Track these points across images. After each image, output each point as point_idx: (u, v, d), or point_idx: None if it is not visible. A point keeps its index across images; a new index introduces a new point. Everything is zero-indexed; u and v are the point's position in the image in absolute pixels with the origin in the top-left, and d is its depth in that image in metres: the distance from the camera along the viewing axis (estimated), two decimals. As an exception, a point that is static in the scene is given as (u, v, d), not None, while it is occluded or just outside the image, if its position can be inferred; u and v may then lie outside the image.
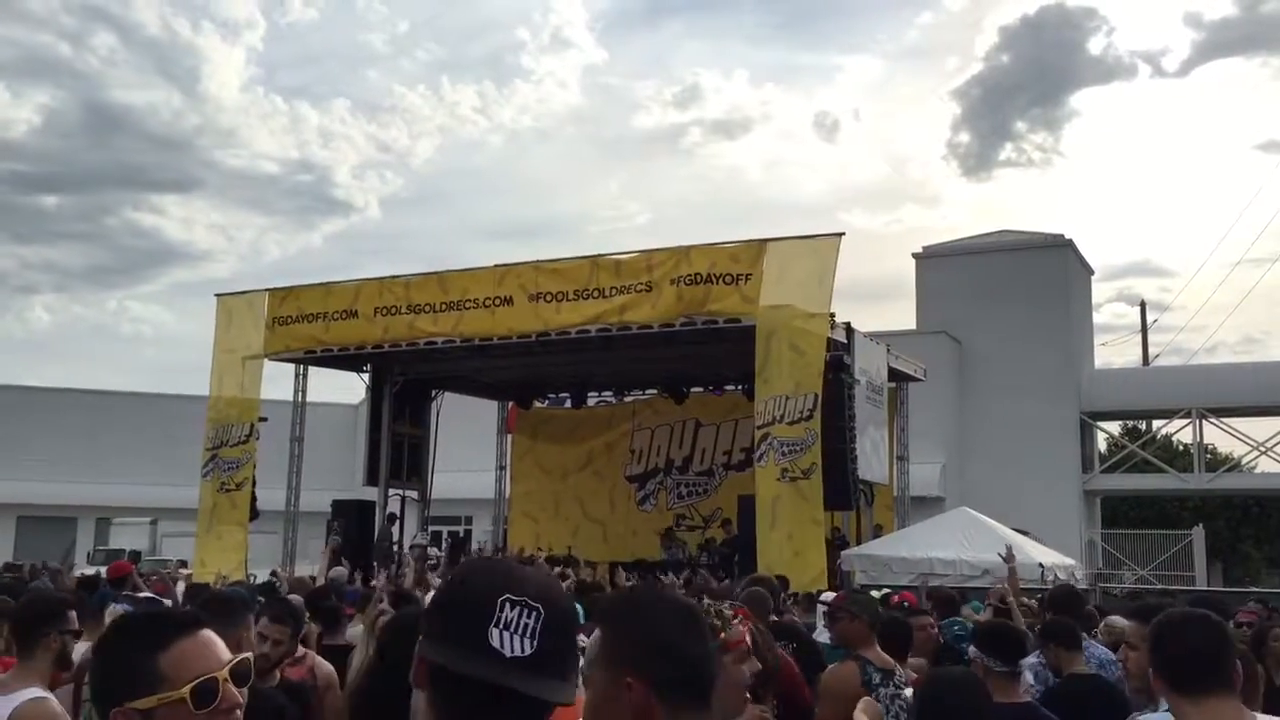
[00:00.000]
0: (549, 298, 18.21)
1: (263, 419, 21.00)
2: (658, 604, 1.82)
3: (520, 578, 1.52)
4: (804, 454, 15.59)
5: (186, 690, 1.59)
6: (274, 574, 17.40)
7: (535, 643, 1.46)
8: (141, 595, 7.73)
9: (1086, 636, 6.34)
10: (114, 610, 6.37)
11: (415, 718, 1.59)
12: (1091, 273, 38.23)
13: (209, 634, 1.68)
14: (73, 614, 3.98)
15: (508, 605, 1.47)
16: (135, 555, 29.99)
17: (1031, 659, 6.34)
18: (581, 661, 1.68)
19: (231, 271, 78.84)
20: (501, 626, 1.46)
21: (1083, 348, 35.50)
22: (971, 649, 4.71)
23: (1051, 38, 68.30)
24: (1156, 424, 37.15)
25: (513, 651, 1.45)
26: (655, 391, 24.24)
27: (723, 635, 3.08)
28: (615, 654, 1.72)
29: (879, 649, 5.20)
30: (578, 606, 6.22)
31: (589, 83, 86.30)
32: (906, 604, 8.63)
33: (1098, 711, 5.02)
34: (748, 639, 3.33)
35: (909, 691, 5.10)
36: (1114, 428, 38.09)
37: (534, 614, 1.48)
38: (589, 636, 1.81)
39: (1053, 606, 7.38)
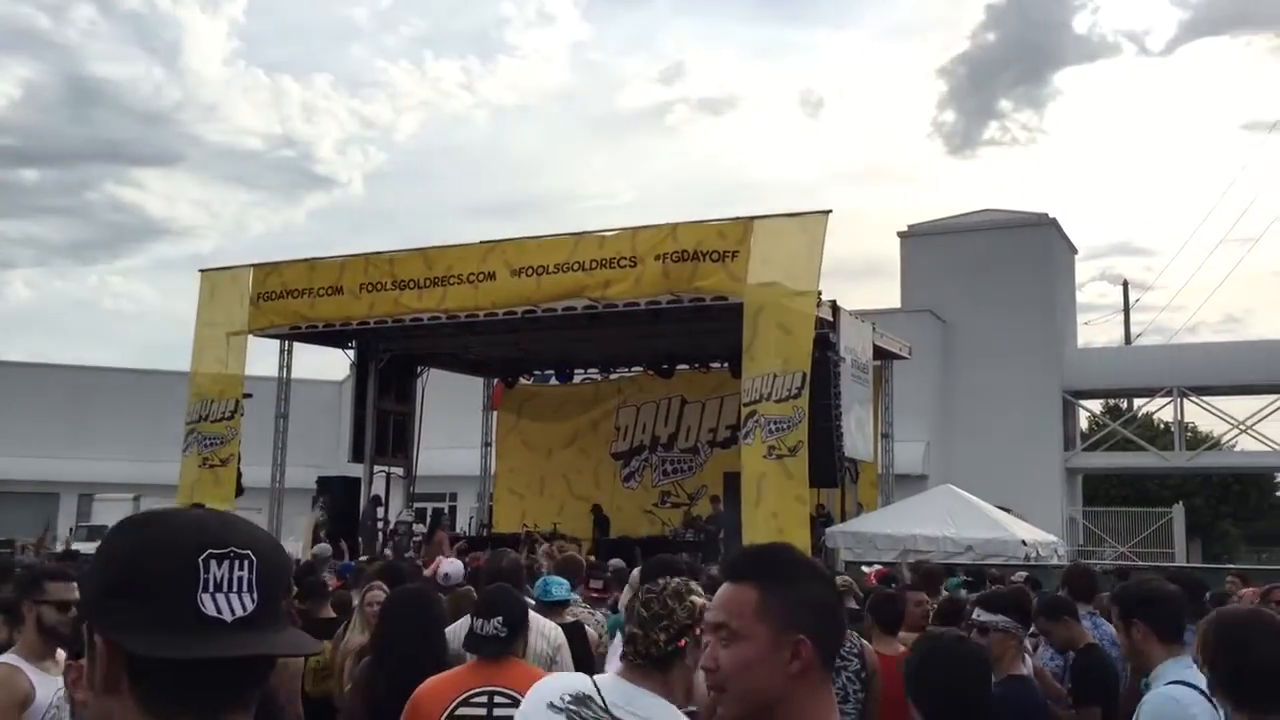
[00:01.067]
0: (531, 271, 18.19)
1: (247, 395, 20.93)
2: (810, 566, 1.84)
3: (217, 525, 1.27)
4: (791, 431, 15.63)
5: None
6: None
7: (255, 595, 1.23)
8: None
9: (1096, 614, 6.39)
10: None
11: None
12: (1075, 252, 38.37)
13: None
14: (50, 585, 3.97)
15: (212, 563, 1.22)
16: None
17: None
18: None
19: (214, 247, 78.49)
20: (212, 589, 1.21)
21: (1066, 326, 35.68)
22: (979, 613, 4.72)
23: (1038, 16, 68.38)
24: (1138, 402, 37.41)
25: (234, 613, 1.21)
26: (641, 369, 24.26)
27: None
28: (781, 613, 1.73)
29: None
30: (559, 580, 6.20)
31: (575, 59, 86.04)
32: (895, 581, 8.67)
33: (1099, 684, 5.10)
34: None
35: (856, 664, 5.14)
36: (1096, 406, 38.33)
37: (245, 563, 1.24)
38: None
39: (1068, 585, 7.37)
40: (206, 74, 75.76)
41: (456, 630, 5.26)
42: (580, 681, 2.76)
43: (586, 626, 6.07)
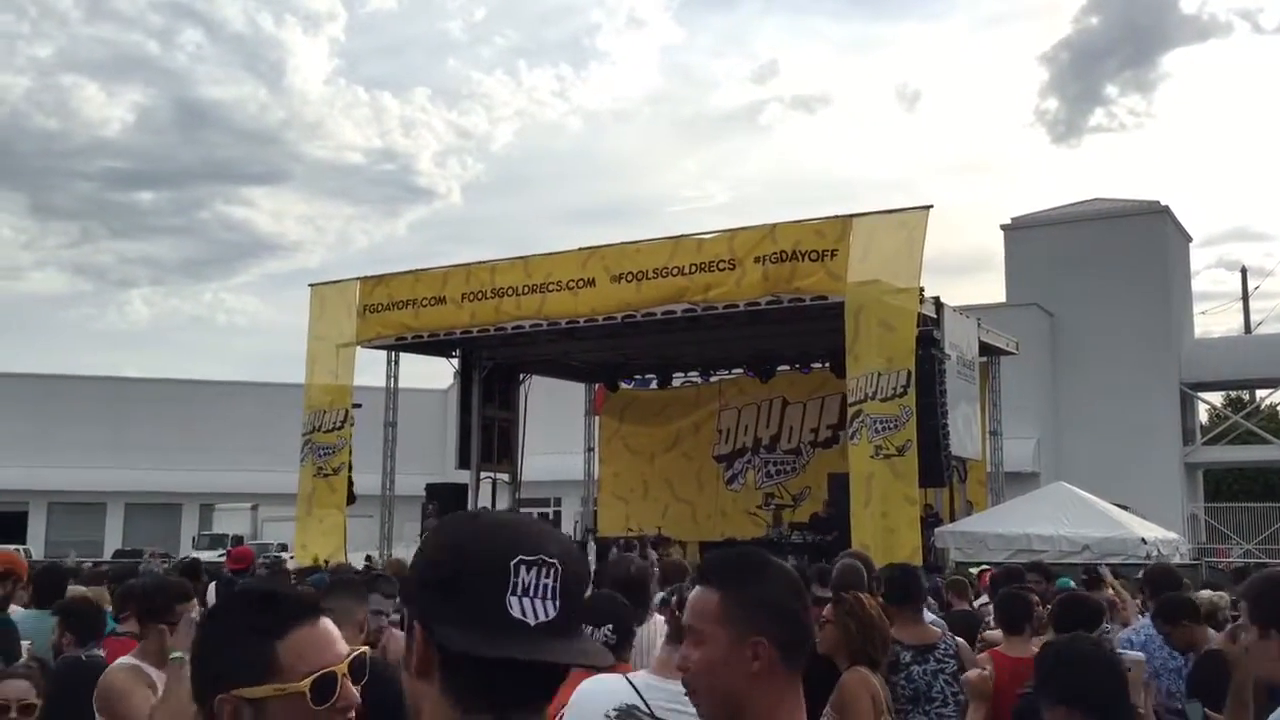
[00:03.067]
0: (630, 277, 18.25)
1: (356, 405, 21.41)
2: (775, 569, 1.85)
3: (528, 532, 1.33)
4: (898, 431, 15.42)
5: (306, 684, 1.42)
6: (369, 559, 17.78)
7: (558, 604, 1.29)
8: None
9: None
10: None
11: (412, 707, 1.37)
12: (1189, 239, 37.12)
13: (328, 623, 1.53)
14: (181, 608, 4.10)
15: (523, 568, 1.28)
16: (238, 540, 30.96)
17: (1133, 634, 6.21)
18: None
19: (320, 261, 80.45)
20: (520, 593, 1.28)
21: (1181, 317, 34.51)
22: None
23: (1143, -2, 66.18)
24: (1260, 393, 36.03)
25: (537, 618, 1.28)
26: (741, 370, 24.17)
27: None
28: (741, 616, 1.77)
29: (915, 626, 5.08)
30: None
31: (666, 62, 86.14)
32: (1016, 580, 8.47)
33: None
34: None
35: (953, 665, 4.99)
36: (1216, 398, 36.99)
37: (552, 571, 1.30)
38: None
39: (1151, 585, 7.16)
40: (309, 93, 77.98)
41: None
42: (622, 690, 2.73)
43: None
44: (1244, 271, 43.45)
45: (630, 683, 2.73)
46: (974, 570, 11.88)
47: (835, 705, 4.18)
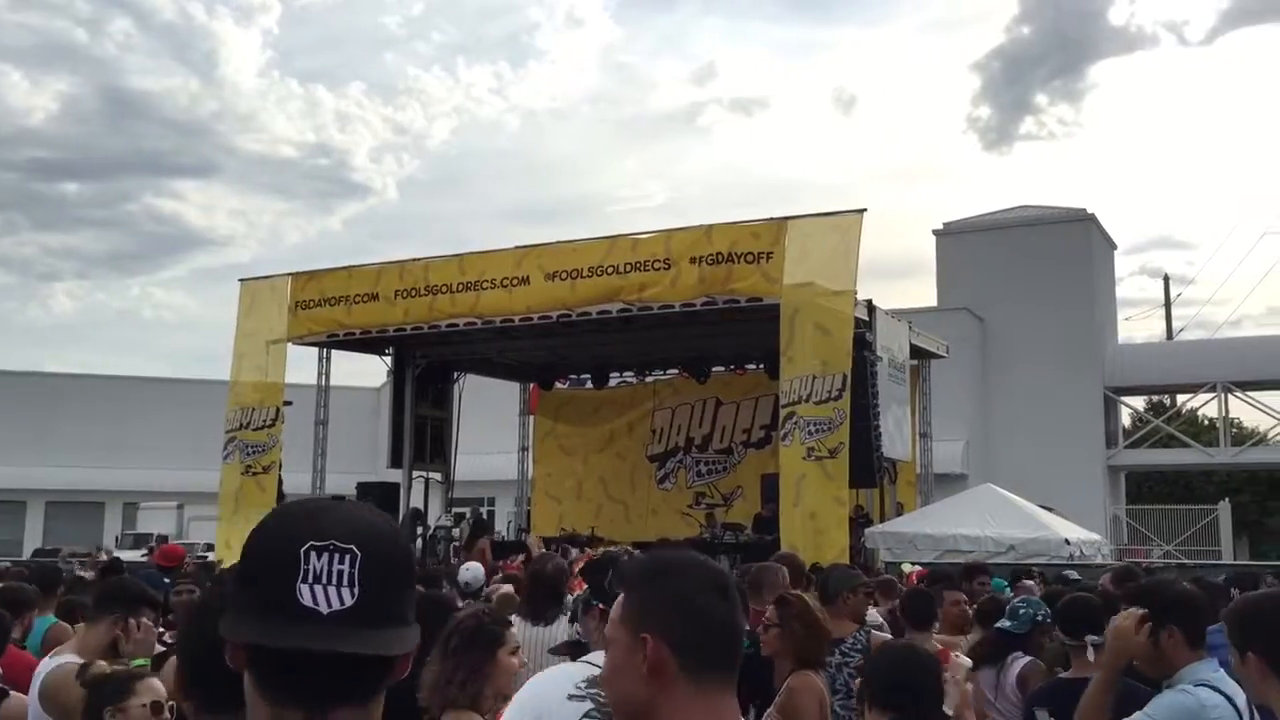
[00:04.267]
0: (565, 276, 18.21)
1: (288, 403, 21.11)
2: (684, 567, 1.73)
3: (324, 517, 1.28)
4: (831, 433, 15.56)
5: None
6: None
7: (356, 590, 1.23)
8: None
9: None
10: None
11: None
12: (1114, 247, 37.97)
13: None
14: (147, 610, 4.02)
15: (313, 554, 1.23)
16: (163, 539, 30.35)
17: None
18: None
19: (252, 256, 79.36)
20: (311, 580, 1.22)
21: (1106, 322, 35.30)
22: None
23: (1072, 8, 67.63)
24: (1181, 398, 36.94)
25: (330, 606, 1.22)
26: (676, 371, 24.25)
27: None
28: (635, 614, 1.67)
29: (835, 621, 5.14)
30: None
31: (605, 62, 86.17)
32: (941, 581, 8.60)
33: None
34: None
35: (858, 659, 5.07)
36: (1138, 402, 37.89)
37: (347, 556, 1.24)
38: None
39: (1117, 588, 7.25)
40: (242, 85, 76.71)
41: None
42: (586, 668, 2.72)
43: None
44: (1166, 279, 44.62)
45: (595, 665, 2.66)
46: (904, 569, 12.05)
47: (782, 709, 4.20)
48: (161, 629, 4.48)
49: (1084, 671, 4.47)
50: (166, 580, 7.79)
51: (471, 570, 8.46)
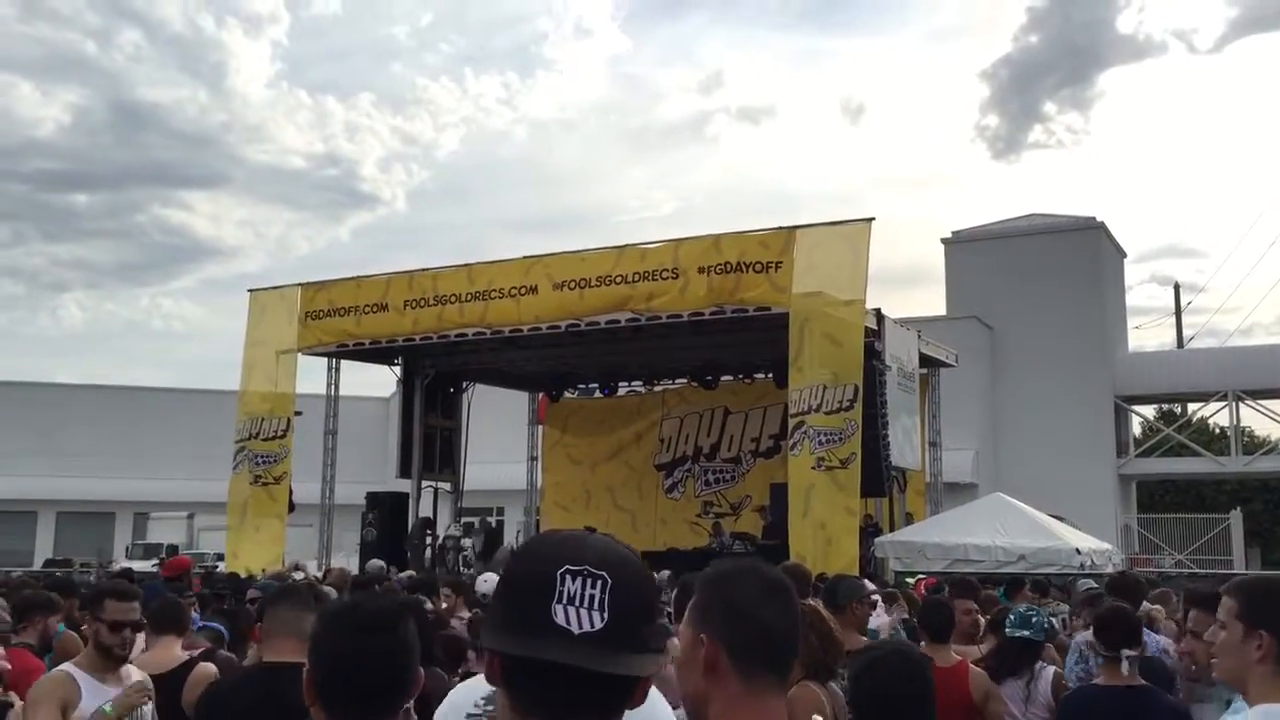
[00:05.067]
0: (573, 285, 18.24)
1: (298, 413, 21.16)
2: (746, 573, 1.87)
3: (579, 545, 1.40)
4: (843, 444, 15.54)
5: None
6: (298, 567, 17.37)
7: (606, 615, 1.34)
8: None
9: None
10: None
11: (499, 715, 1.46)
12: (1124, 255, 37.88)
13: None
14: (110, 603, 4.04)
15: (568, 578, 1.34)
16: (173, 549, 30.42)
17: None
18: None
19: (261, 266, 79.42)
20: (565, 602, 1.33)
21: (1116, 331, 35.20)
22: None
23: (1081, 16, 67.53)
24: (1192, 407, 36.79)
25: (581, 627, 1.33)
26: (685, 380, 24.24)
27: None
28: (696, 615, 1.81)
29: (843, 631, 5.11)
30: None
31: (613, 72, 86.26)
32: (944, 588, 8.57)
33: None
34: None
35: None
36: (1149, 411, 37.76)
37: (599, 583, 1.35)
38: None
39: (1114, 595, 7.20)
40: (250, 96, 76.86)
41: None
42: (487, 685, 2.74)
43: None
44: (1177, 287, 44.51)
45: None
46: (910, 580, 12.02)
47: None
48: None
49: (1115, 681, 4.46)
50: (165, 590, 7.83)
51: (490, 581, 8.42)
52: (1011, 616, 5.72)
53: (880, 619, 8.34)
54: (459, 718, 2.69)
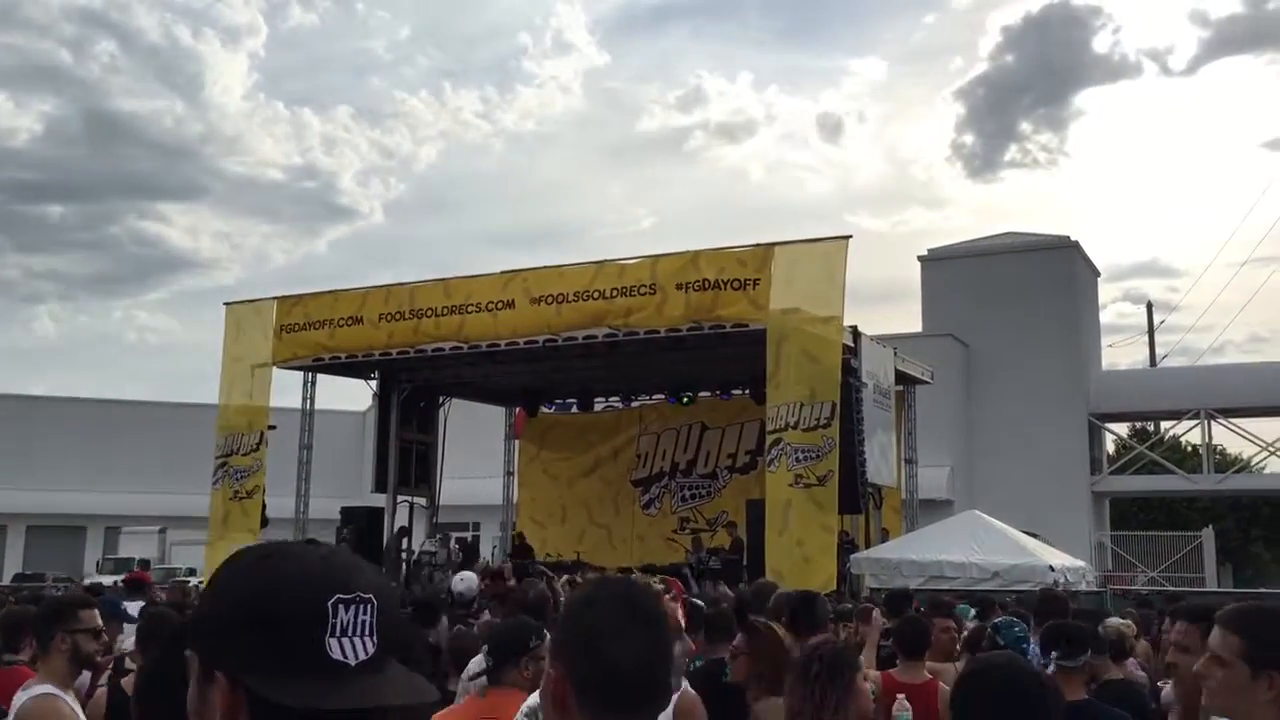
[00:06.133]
0: (551, 300, 18.22)
1: (271, 427, 21.03)
2: (605, 601, 1.71)
3: (343, 567, 1.27)
4: (820, 461, 15.56)
5: None
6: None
7: (376, 640, 1.24)
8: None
9: None
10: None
11: None
12: (1098, 274, 38.22)
13: None
14: (84, 613, 4.03)
15: (341, 606, 1.22)
16: (144, 564, 30.11)
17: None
18: None
19: (237, 279, 78.94)
20: (339, 634, 1.21)
21: (1090, 349, 35.46)
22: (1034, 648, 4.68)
23: (1056, 37, 68.29)
24: (1165, 425, 37.10)
25: (357, 657, 1.22)
26: (662, 396, 24.25)
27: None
28: (552, 645, 1.75)
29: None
30: None
31: (592, 87, 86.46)
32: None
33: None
34: (680, 614, 3.34)
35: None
36: (1122, 429, 38.04)
37: (369, 607, 1.24)
38: None
39: (1039, 613, 7.12)
40: (228, 108, 76.54)
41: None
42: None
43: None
44: (1150, 306, 44.88)
45: None
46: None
47: None
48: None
49: (1077, 695, 4.46)
50: (124, 604, 7.81)
51: (465, 580, 8.41)
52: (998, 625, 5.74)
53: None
54: (519, 716, 2.71)
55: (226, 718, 1.22)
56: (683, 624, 5.10)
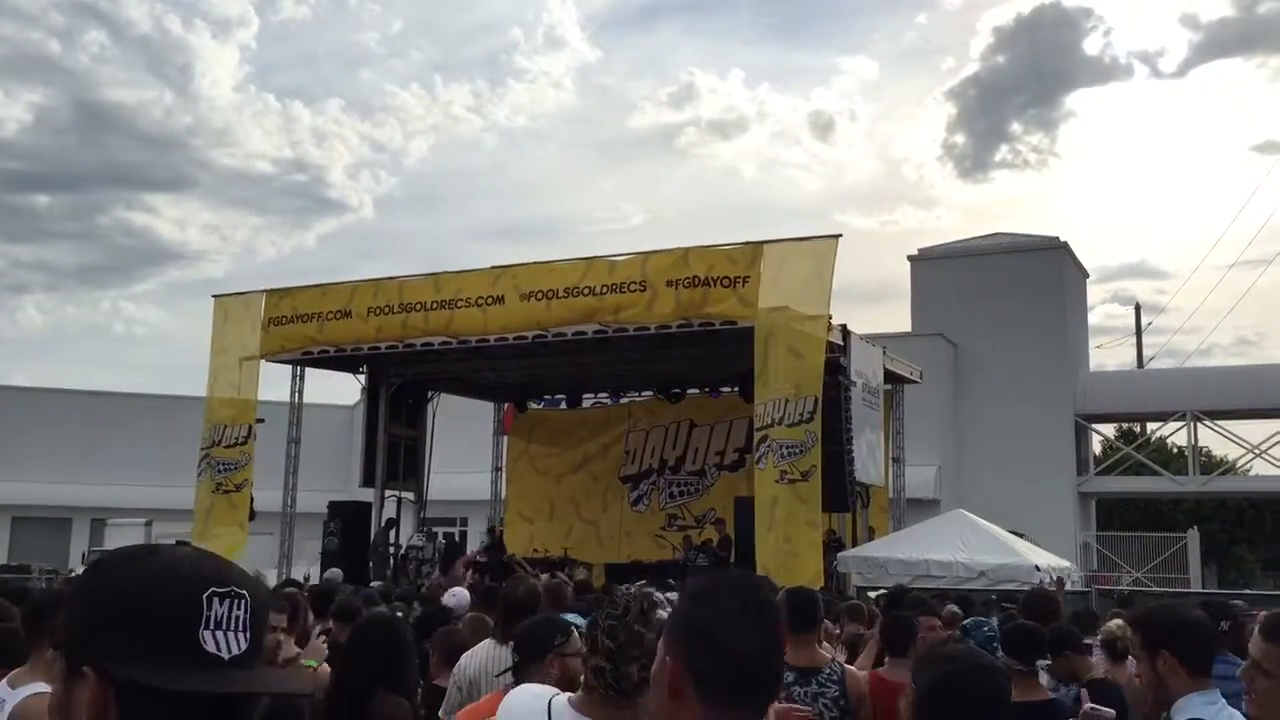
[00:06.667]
0: (540, 296, 18.21)
1: (260, 420, 20.98)
2: (720, 591, 1.77)
3: (214, 564, 1.31)
4: (803, 456, 15.60)
5: None
6: (256, 575, 17.27)
7: (249, 635, 1.27)
8: None
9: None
10: None
11: None
12: (1086, 275, 38.32)
13: None
14: None
15: (215, 600, 1.25)
16: (130, 556, 29.92)
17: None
18: None
19: (225, 271, 78.73)
20: (213, 627, 1.24)
21: (1078, 350, 35.58)
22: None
23: (1047, 38, 68.39)
24: (1151, 426, 37.23)
25: (230, 651, 1.24)
26: (651, 393, 24.25)
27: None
28: (666, 634, 1.76)
29: (805, 650, 5.09)
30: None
31: (583, 83, 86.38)
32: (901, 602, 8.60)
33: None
34: None
35: (835, 690, 5.06)
36: (1109, 430, 38.16)
37: (242, 602, 1.27)
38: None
39: (1027, 612, 7.18)
40: (217, 99, 76.19)
41: (477, 653, 5.24)
42: (538, 703, 2.71)
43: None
44: (1138, 307, 45.08)
45: (548, 703, 2.70)
46: (872, 595, 12.06)
47: None
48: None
49: (1032, 695, 4.48)
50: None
51: (457, 596, 8.43)
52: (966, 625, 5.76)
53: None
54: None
55: (94, 714, 1.22)
56: None
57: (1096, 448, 37.41)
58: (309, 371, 22.43)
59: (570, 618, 6.01)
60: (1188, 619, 3.36)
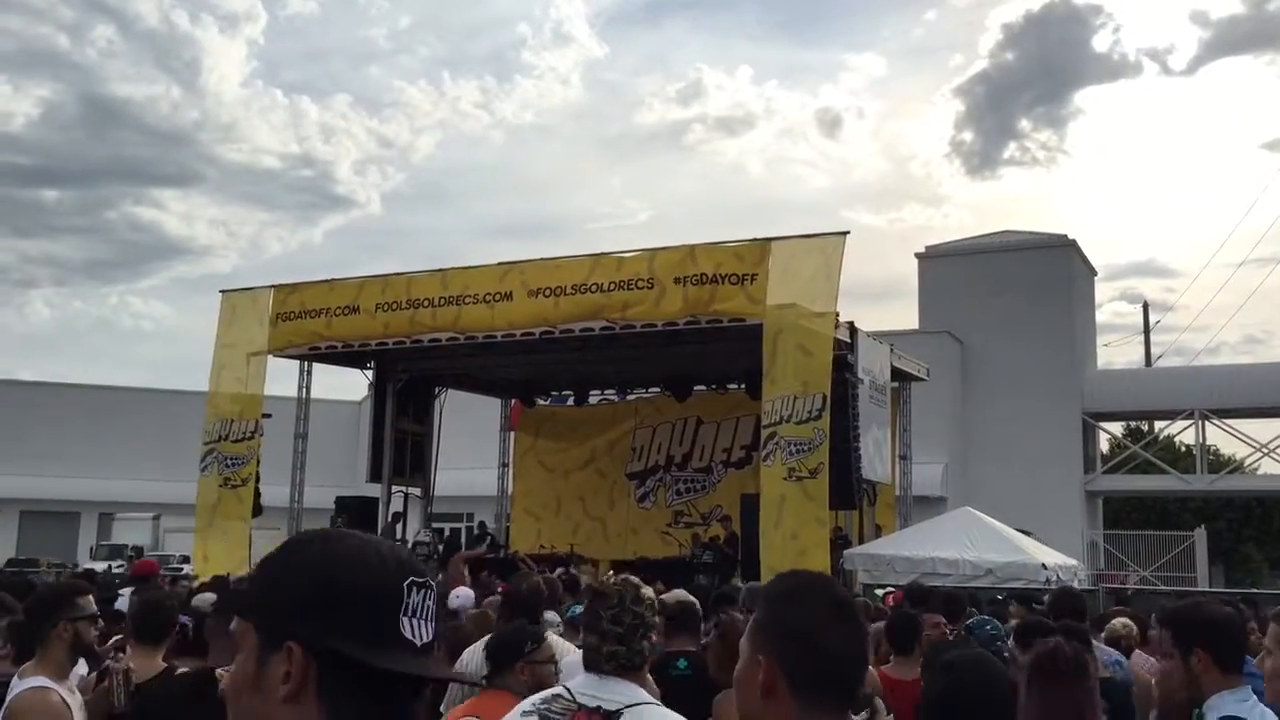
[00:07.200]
0: (548, 293, 18.20)
1: (267, 415, 21.01)
2: (810, 592, 1.82)
3: (409, 554, 1.38)
4: (811, 453, 15.57)
5: None
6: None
7: (433, 625, 1.34)
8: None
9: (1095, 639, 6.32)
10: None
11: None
12: (1094, 273, 38.25)
13: None
14: (82, 600, 4.00)
15: (414, 589, 1.31)
16: (138, 550, 30.13)
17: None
18: None
19: (232, 267, 78.90)
20: (410, 614, 1.30)
21: (1085, 348, 35.51)
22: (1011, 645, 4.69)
23: (1056, 35, 68.29)
24: (1159, 425, 37.15)
25: (421, 639, 1.31)
26: (658, 390, 24.24)
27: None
28: (756, 634, 1.78)
29: None
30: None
31: (591, 79, 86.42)
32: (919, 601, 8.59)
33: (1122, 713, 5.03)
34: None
35: None
36: (1116, 428, 38.10)
37: (432, 594, 1.35)
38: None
39: (1055, 611, 7.23)
40: (225, 94, 76.37)
41: (479, 650, 5.25)
42: (555, 688, 2.88)
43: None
44: (1146, 305, 44.95)
45: (565, 686, 2.86)
46: (879, 592, 12.05)
47: None
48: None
49: None
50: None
51: (461, 597, 8.44)
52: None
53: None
54: (515, 715, 2.78)
55: (292, 688, 1.25)
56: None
57: (1104, 446, 37.36)
58: (316, 367, 22.46)
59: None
60: (1220, 616, 3.36)
